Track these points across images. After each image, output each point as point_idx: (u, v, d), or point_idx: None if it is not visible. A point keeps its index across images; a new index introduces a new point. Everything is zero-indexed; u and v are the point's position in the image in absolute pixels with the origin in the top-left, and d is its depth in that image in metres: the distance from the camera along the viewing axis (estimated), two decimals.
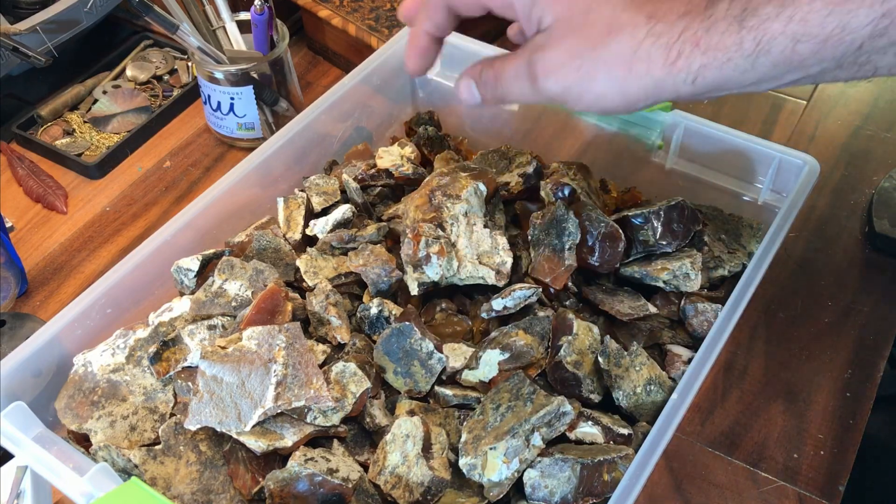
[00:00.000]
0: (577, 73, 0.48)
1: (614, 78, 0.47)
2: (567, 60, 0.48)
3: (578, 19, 0.47)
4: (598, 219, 0.65)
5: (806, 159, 0.71)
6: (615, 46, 0.46)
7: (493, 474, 0.55)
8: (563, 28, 0.48)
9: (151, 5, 0.82)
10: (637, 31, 0.46)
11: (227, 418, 0.55)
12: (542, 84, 0.49)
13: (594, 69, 0.47)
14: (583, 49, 0.47)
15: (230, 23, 0.92)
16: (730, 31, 0.44)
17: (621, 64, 0.47)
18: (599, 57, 0.47)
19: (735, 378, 0.72)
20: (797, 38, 0.43)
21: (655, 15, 0.46)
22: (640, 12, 0.46)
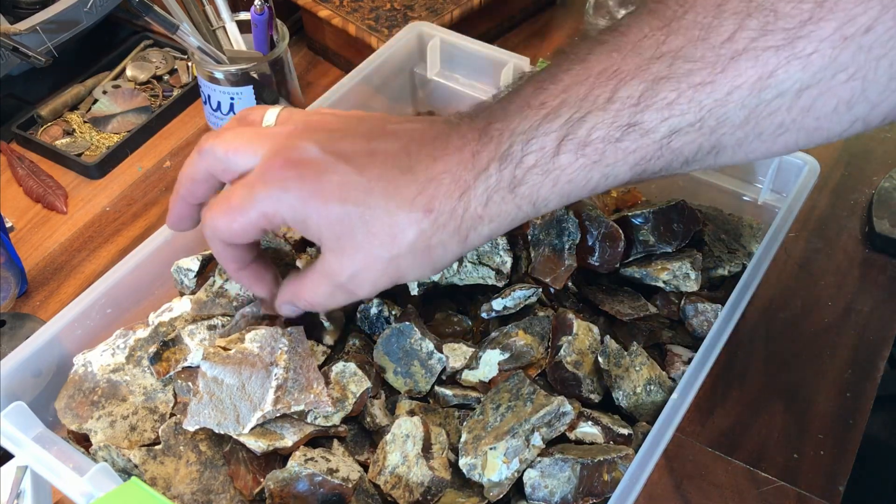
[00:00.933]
0: (386, 277, 0.49)
1: (419, 266, 0.49)
2: (372, 271, 0.49)
3: (360, 233, 0.47)
4: (598, 219, 0.65)
5: (806, 159, 0.71)
6: (408, 245, 0.47)
7: (493, 474, 0.55)
8: (351, 245, 0.48)
9: (151, 5, 0.82)
10: (423, 227, 0.47)
11: (226, 420, 0.55)
12: (360, 295, 0.51)
13: (399, 267, 0.48)
14: (382, 257, 0.48)
15: (230, 23, 0.92)
16: (505, 201, 0.46)
17: (421, 256, 0.48)
18: (399, 256, 0.48)
19: (735, 378, 0.72)
20: (568, 194, 0.46)
21: (432, 206, 0.47)
22: (418, 208, 0.47)
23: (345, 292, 0.51)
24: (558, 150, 0.45)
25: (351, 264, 0.49)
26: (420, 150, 0.48)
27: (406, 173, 0.47)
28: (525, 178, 0.46)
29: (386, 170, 0.47)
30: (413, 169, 0.47)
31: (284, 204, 0.48)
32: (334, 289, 0.51)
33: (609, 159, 0.44)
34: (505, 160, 0.46)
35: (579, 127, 0.44)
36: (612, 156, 0.44)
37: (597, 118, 0.44)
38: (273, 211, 0.48)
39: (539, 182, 0.46)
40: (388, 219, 0.47)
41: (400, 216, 0.47)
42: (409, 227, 0.47)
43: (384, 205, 0.47)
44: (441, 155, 0.47)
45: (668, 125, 0.43)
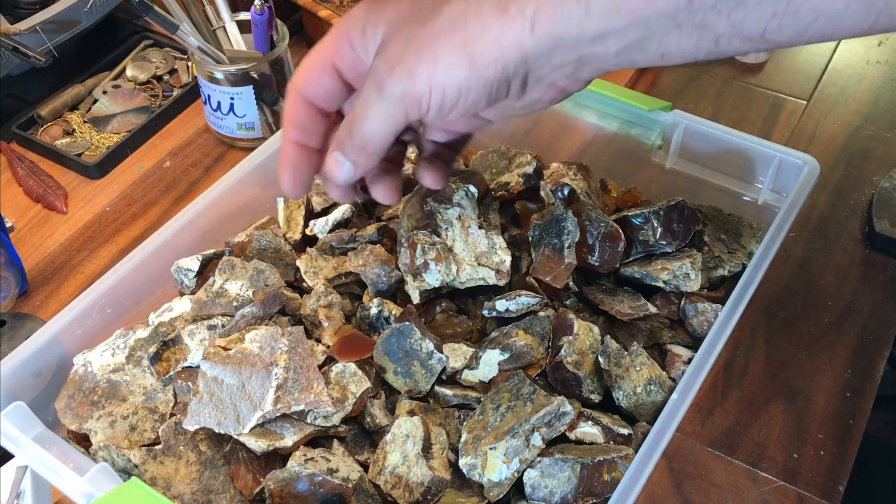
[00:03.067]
0: (417, 57, 0.43)
1: (455, 45, 0.43)
2: (404, 47, 0.44)
3: (407, 12, 0.44)
4: (598, 219, 0.65)
5: (806, 159, 0.71)
6: (446, 15, 0.43)
7: (493, 474, 0.55)
8: (396, 27, 0.45)
9: (151, 5, 0.82)
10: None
11: (226, 420, 0.55)
12: (390, 87, 0.44)
13: (433, 44, 0.43)
14: (416, 31, 0.43)
15: (230, 23, 0.92)
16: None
17: (457, 29, 0.42)
18: (434, 30, 0.43)
19: (735, 378, 0.72)
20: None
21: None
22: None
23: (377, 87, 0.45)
24: None
25: (390, 46, 0.44)
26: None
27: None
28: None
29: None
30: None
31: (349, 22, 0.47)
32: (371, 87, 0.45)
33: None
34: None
35: None
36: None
37: None
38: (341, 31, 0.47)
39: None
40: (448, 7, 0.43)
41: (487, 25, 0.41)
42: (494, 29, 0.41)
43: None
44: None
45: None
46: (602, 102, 0.78)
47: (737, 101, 0.99)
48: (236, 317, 0.63)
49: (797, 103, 0.98)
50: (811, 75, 1.02)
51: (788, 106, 0.98)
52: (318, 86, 0.49)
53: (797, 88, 1.00)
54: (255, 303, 0.63)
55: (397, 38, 0.44)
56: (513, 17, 0.42)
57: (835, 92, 1.00)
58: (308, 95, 0.49)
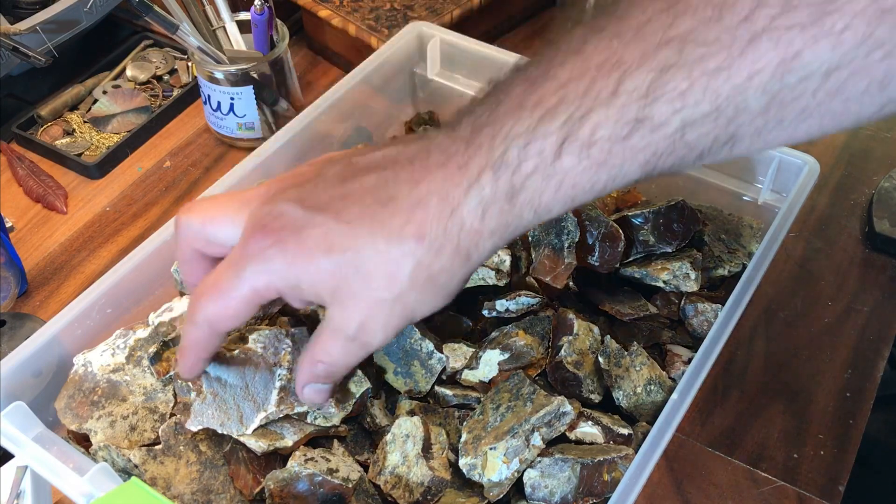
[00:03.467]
0: (396, 318, 0.46)
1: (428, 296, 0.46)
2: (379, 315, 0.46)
3: (355, 281, 0.44)
4: (598, 219, 0.65)
5: (806, 159, 0.71)
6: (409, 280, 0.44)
7: (493, 474, 0.55)
8: (349, 296, 0.45)
9: (151, 5, 0.82)
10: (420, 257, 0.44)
11: (229, 420, 0.55)
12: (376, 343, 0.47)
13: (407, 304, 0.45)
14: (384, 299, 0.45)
15: (230, 23, 0.92)
16: (503, 211, 0.43)
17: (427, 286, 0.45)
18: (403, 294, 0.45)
19: (735, 378, 0.72)
20: (572, 199, 0.43)
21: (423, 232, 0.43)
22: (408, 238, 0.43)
23: (358, 345, 0.47)
24: (560, 152, 0.41)
25: (356, 314, 0.46)
26: (398, 177, 0.44)
27: (387, 205, 0.44)
28: (524, 185, 0.42)
29: (365, 207, 0.44)
30: (394, 199, 0.44)
31: (273, 275, 0.45)
32: (346, 343, 0.47)
33: (616, 159, 0.41)
34: (500, 168, 0.42)
35: (581, 126, 0.41)
36: (620, 155, 0.41)
37: (600, 115, 0.40)
38: (263, 284, 0.46)
39: (540, 188, 0.42)
40: (379, 257, 0.44)
41: (391, 252, 0.44)
42: (404, 259, 0.43)
43: (372, 244, 0.44)
44: (422, 177, 0.44)
45: (681, 117, 0.40)
46: None
47: None
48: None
49: None
50: None
51: None
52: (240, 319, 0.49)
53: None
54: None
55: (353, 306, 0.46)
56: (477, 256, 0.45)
57: None
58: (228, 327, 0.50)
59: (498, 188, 0.42)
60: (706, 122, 0.40)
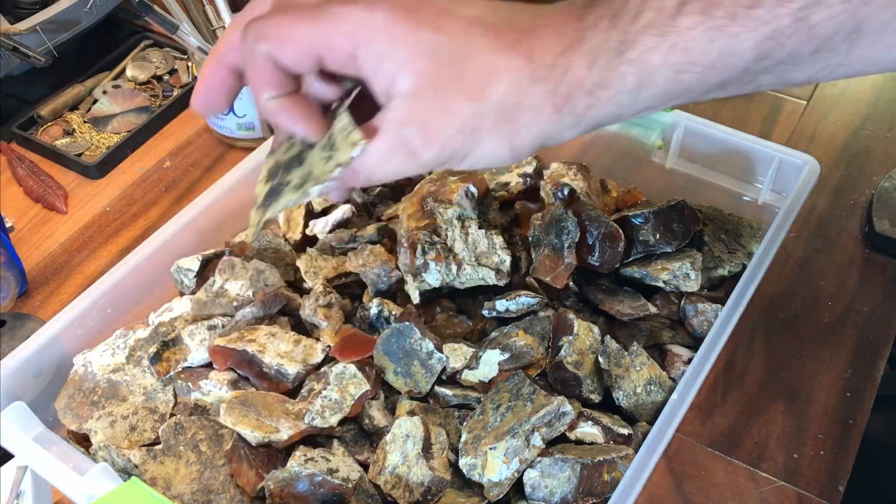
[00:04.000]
0: (461, 137, 0.42)
1: (502, 133, 0.42)
2: (448, 123, 0.41)
3: (447, 72, 0.40)
4: (598, 219, 0.65)
5: (806, 159, 0.71)
6: (498, 98, 0.41)
7: (493, 474, 0.55)
8: (432, 85, 0.41)
9: (151, 5, 0.82)
10: (519, 78, 0.41)
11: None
12: (423, 157, 0.43)
13: (479, 127, 0.42)
14: (463, 107, 0.41)
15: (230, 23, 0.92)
16: (611, 66, 0.41)
17: (507, 118, 0.42)
18: (483, 113, 0.41)
19: (735, 378, 0.72)
20: (680, 68, 0.40)
21: (533, 56, 0.41)
22: (517, 54, 0.41)
23: (406, 151, 0.42)
24: (681, 8, 0.39)
25: (425, 110, 0.41)
26: (522, 10, 0.42)
27: (506, 23, 0.41)
28: (637, 40, 0.40)
29: (486, 16, 0.41)
30: (512, 19, 0.41)
31: (365, 26, 0.40)
32: (395, 144, 0.42)
33: (736, 27, 0.39)
34: (618, 16, 0.40)
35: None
36: (741, 23, 0.39)
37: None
38: (347, 31, 0.40)
39: (652, 45, 0.39)
40: (482, 58, 0.40)
41: (497, 59, 0.40)
42: (505, 74, 0.40)
43: (482, 43, 0.40)
44: (545, 13, 0.41)
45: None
46: None
47: (737, 101, 0.99)
48: (237, 317, 0.63)
49: (797, 103, 0.98)
50: None
51: (788, 106, 0.98)
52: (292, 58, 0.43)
53: (797, 88, 1.00)
54: (255, 303, 0.63)
55: (438, 106, 0.41)
56: (565, 114, 0.42)
57: (835, 92, 1.00)
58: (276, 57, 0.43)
59: (610, 37, 0.40)
60: (835, 2, 0.38)
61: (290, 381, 0.60)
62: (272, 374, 0.60)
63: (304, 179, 0.45)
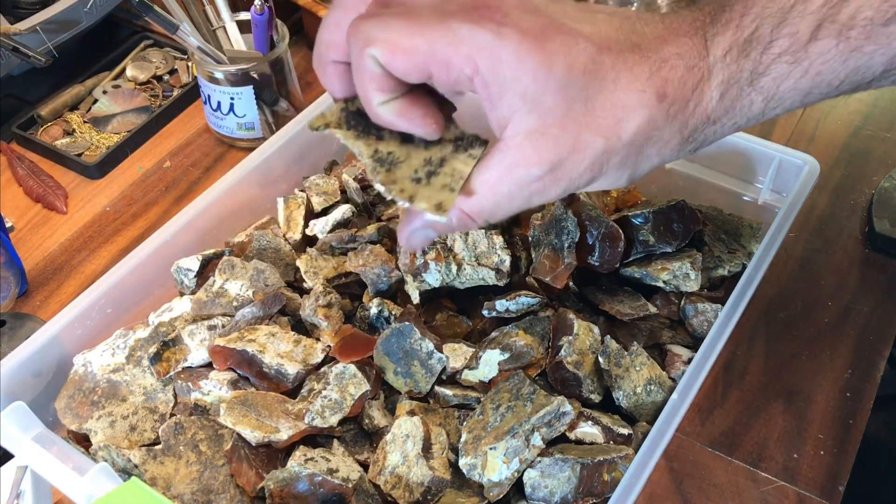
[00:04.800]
0: (589, 172, 0.41)
1: (627, 165, 0.42)
2: (578, 161, 0.40)
3: (577, 109, 0.39)
4: (598, 219, 0.65)
5: (806, 159, 0.71)
6: (630, 136, 0.40)
7: (493, 474, 0.55)
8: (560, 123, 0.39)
9: (151, 5, 0.82)
10: (653, 116, 0.40)
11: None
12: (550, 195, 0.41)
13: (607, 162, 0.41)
14: (594, 144, 0.40)
15: (230, 23, 0.92)
16: (741, 96, 0.40)
17: (636, 152, 0.41)
18: (614, 149, 0.40)
19: (735, 378, 0.72)
20: (809, 90, 0.40)
21: (667, 92, 0.40)
22: (650, 89, 0.39)
23: (531, 192, 0.40)
24: (816, 34, 0.38)
25: (555, 149, 0.39)
26: (644, 28, 0.40)
27: (635, 50, 0.39)
28: (770, 68, 0.39)
29: (613, 41, 0.39)
30: (641, 47, 0.40)
31: (489, 53, 0.38)
32: (519, 187, 0.40)
33: (871, 45, 0.38)
34: (749, 45, 0.39)
35: (843, 7, 0.38)
36: (875, 41, 0.38)
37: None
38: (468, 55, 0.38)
39: (784, 73, 0.39)
40: (615, 95, 0.39)
41: (630, 96, 0.39)
42: (638, 110, 0.39)
43: (614, 77, 0.39)
44: (670, 36, 0.40)
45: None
46: None
47: None
48: (237, 317, 0.63)
49: None
50: None
51: None
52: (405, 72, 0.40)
53: None
54: (255, 303, 0.63)
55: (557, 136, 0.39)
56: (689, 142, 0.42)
57: None
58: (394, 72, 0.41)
59: (742, 68, 0.40)
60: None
61: (290, 381, 0.60)
62: (272, 374, 0.60)
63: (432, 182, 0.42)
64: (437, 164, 0.43)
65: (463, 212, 0.41)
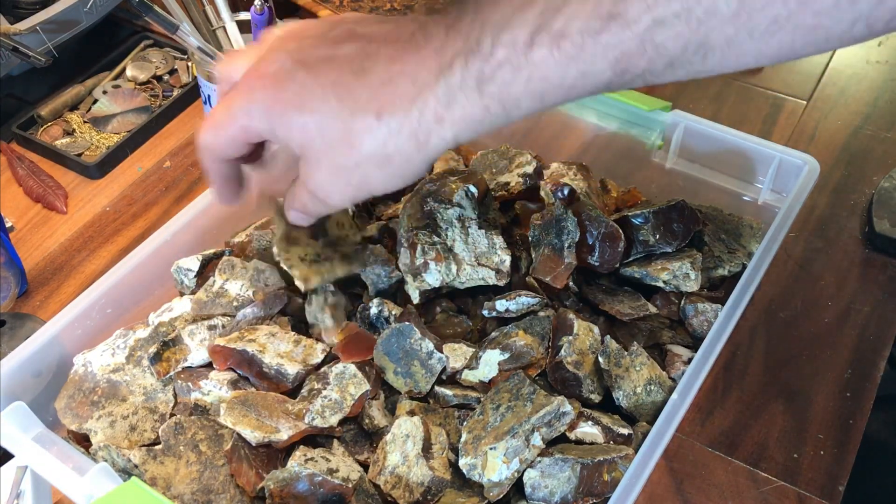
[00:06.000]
0: (351, 188, 0.48)
1: (388, 173, 0.47)
2: (336, 180, 0.48)
3: (320, 142, 0.46)
4: (598, 219, 0.65)
5: (806, 159, 0.71)
6: (368, 153, 0.45)
7: (493, 474, 0.55)
8: (314, 154, 0.47)
9: (151, 5, 0.82)
10: (377, 134, 0.45)
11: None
12: (332, 202, 0.50)
13: (367, 174, 0.47)
14: (344, 164, 0.46)
15: (230, 23, 0.92)
16: (471, 101, 0.44)
17: (385, 162, 0.46)
18: (361, 164, 0.46)
19: (735, 378, 0.72)
20: (541, 93, 0.43)
21: (382, 112, 0.45)
22: (368, 114, 0.45)
23: (317, 200, 0.50)
24: (531, 42, 0.42)
25: (317, 173, 0.48)
26: (379, 52, 0.45)
27: (360, 77, 0.45)
28: (494, 75, 0.43)
29: (341, 74, 0.45)
30: (368, 72, 0.45)
31: (254, 115, 0.47)
32: (310, 196, 0.50)
33: (587, 54, 0.41)
34: (472, 55, 0.43)
35: (555, 18, 0.41)
36: (591, 50, 0.41)
37: (574, 8, 0.41)
38: (247, 123, 0.48)
39: (510, 79, 0.42)
40: (342, 125, 0.45)
41: (354, 122, 0.45)
42: (364, 133, 0.45)
43: (337, 113, 0.45)
44: (400, 55, 0.45)
45: (652, 16, 0.40)
46: (602, 102, 0.78)
47: (737, 101, 0.99)
48: (237, 316, 0.63)
49: (797, 103, 0.98)
50: (811, 75, 1.02)
51: (788, 106, 0.98)
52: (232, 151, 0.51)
53: (797, 88, 1.00)
54: (256, 302, 0.63)
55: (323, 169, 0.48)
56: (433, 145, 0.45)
57: (835, 92, 1.00)
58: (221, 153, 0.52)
59: (468, 75, 0.43)
60: (676, 22, 0.40)
61: (290, 381, 0.60)
62: (272, 375, 0.60)
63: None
64: (323, 259, 0.62)
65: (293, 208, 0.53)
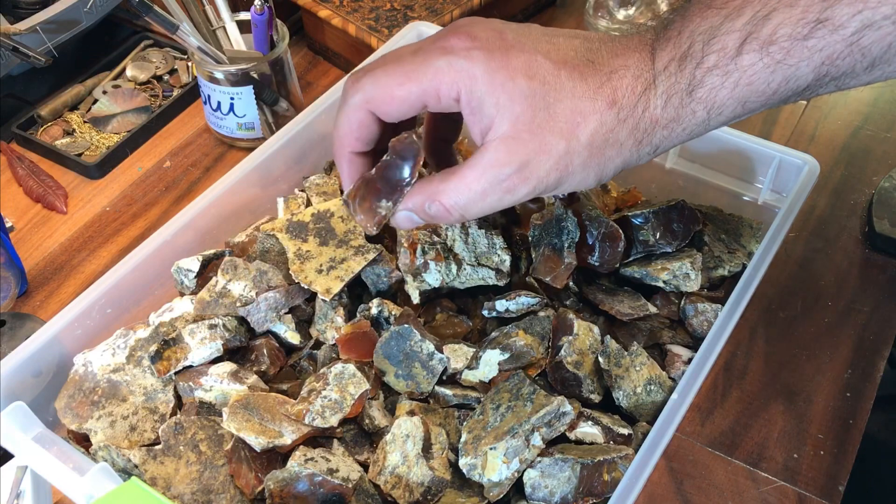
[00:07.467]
0: (555, 172, 0.47)
1: (590, 166, 0.48)
2: (544, 161, 0.46)
3: (541, 116, 0.46)
4: (598, 219, 0.65)
5: (806, 159, 0.71)
6: (587, 137, 0.46)
7: (493, 474, 0.55)
8: (528, 128, 0.46)
9: (151, 5, 0.82)
10: (605, 119, 0.46)
11: None
12: (519, 193, 0.48)
13: (571, 163, 0.47)
14: (557, 146, 0.46)
15: (230, 23, 0.92)
16: (683, 104, 0.46)
17: (596, 153, 0.47)
18: (574, 150, 0.46)
19: (735, 378, 0.72)
20: (745, 98, 0.45)
21: (616, 99, 0.46)
22: (601, 98, 0.46)
23: (502, 190, 0.47)
24: (741, 49, 0.44)
25: (523, 151, 0.46)
26: (600, 47, 0.47)
27: (589, 65, 0.46)
28: (704, 80, 0.45)
29: (570, 58, 0.47)
30: (595, 62, 0.47)
31: (466, 74, 0.45)
32: (492, 185, 0.47)
33: (793, 59, 0.43)
34: (685, 60, 0.45)
35: (764, 25, 0.43)
36: (798, 55, 0.43)
37: (783, 15, 0.43)
38: (451, 81, 0.46)
39: (718, 84, 0.45)
40: (572, 103, 0.46)
41: (584, 103, 0.46)
42: (592, 115, 0.46)
43: (571, 89, 0.46)
44: (621, 52, 0.47)
45: (861, 19, 0.41)
46: None
47: None
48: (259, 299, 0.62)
49: (797, 103, 0.98)
50: None
51: (788, 106, 0.98)
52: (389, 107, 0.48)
53: None
54: (279, 289, 0.63)
55: (526, 140, 0.46)
56: (644, 145, 0.48)
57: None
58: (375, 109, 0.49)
59: (681, 79, 0.45)
60: (885, 24, 0.41)
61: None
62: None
63: None
64: (339, 261, 0.63)
65: (442, 204, 0.48)
